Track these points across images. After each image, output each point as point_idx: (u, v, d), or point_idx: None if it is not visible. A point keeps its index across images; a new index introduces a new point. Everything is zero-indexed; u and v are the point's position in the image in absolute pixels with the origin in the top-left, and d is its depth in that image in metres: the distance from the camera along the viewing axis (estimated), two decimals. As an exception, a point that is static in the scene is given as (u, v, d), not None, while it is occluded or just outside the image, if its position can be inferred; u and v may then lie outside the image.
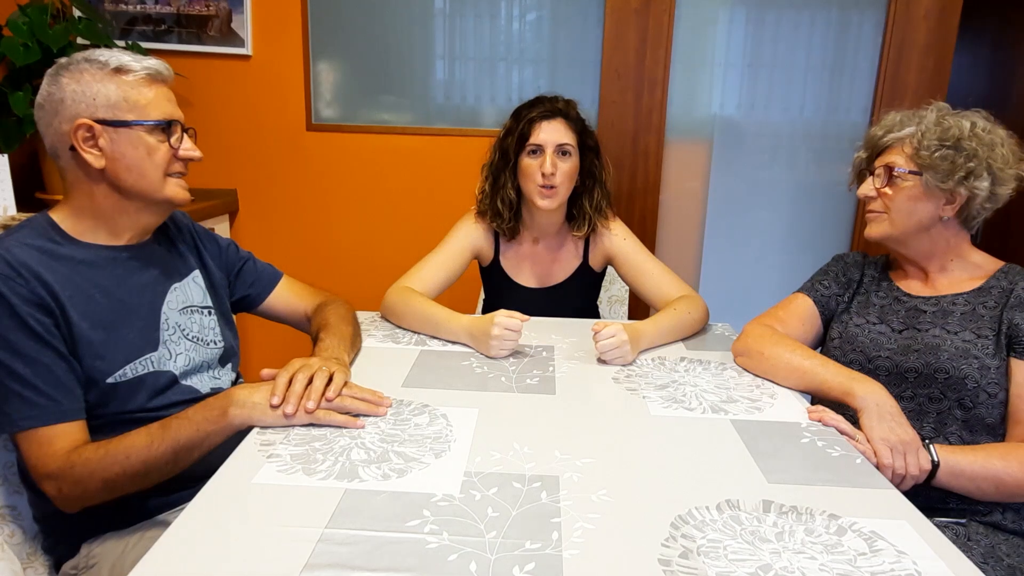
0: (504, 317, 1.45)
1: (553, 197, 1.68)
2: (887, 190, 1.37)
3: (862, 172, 1.48)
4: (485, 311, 1.95)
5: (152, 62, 1.19)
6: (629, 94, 2.50)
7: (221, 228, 2.56)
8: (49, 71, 1.15)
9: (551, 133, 1.67)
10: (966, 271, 1.39)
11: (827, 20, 2.54)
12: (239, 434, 1.10)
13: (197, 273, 1.36)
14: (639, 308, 1.80)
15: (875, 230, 1.42)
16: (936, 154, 1.31)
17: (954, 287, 1.38)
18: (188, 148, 1.23)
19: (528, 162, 1.68)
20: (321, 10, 2.52)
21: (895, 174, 1.36)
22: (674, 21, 2.46)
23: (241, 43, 2.52)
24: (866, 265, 1.53)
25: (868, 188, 1.41)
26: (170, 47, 2.51)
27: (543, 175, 1.66)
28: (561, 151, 1.68)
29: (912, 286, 1.44)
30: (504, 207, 1.75)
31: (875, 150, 1.43)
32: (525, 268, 1.84)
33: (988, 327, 1.30)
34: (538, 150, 1.67)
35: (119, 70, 1.15)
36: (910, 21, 2.41)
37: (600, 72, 2.50)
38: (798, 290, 1.55)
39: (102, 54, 1.15)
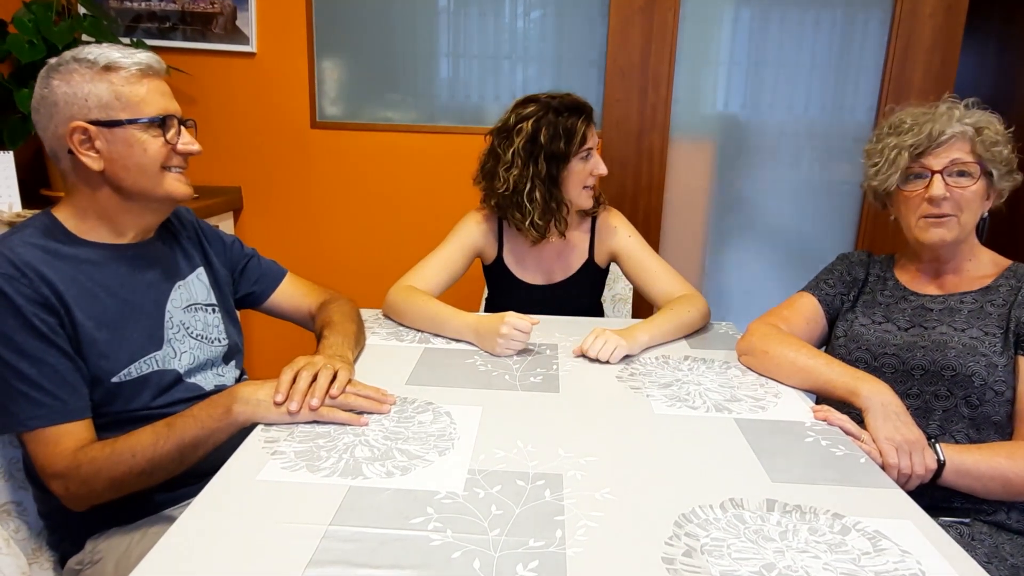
0: (515, 317, 1.45)
1: (596, 195, 1.78)
2: (959, 189, 1.30)
3: (908, 171, 1.34)
4: (488, 309, 1.95)
5: (142, 56, 1.16)
6: (634, 92, 2.49)
7: (225, 225, 2.56)
8: (40, 73, 1.13)
9: (594, 136, 1.73)
10: (976, 270, 1.39)
11: (832, 18, 2.53)
12: (243, 431, 1.10)
13: (201, 270, 1.36)
14: (643, 307, 1.80)
15: (946, 234, 1.32)
16: (996, 148, 1.30)
17: (962, 285, 1.38)
18: (187, 142, 1.20)
19: (581, 165, 1.71)
20: (326, 8, 2.52)
21: (965, 172, 1.30)
22: (679, 19, 2.45)
23: (246, 40, 2.52)
24: (871, 264, 1.53)
25: (941, 188, 1.29)
26: (175, 44, 2.51)
27: (592, 175, 1.72)
28: (595, 150, 1.74)
29: (919, 284, 1.43)
30: (560, 212, 1.73)
31: (923, 147, 1.32)
32: (530, 265, 1.84)
33: (996, 325, 1.30)
34: (589, 153, 1.72)
35: (109, 68, 1.12)
36: (916, 19, 2.40)
37: (604, 70, 2.50)
38: (803, 289, 1.55)
39: (91, 52, 1.12)
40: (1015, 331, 1.28)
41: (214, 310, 1.36)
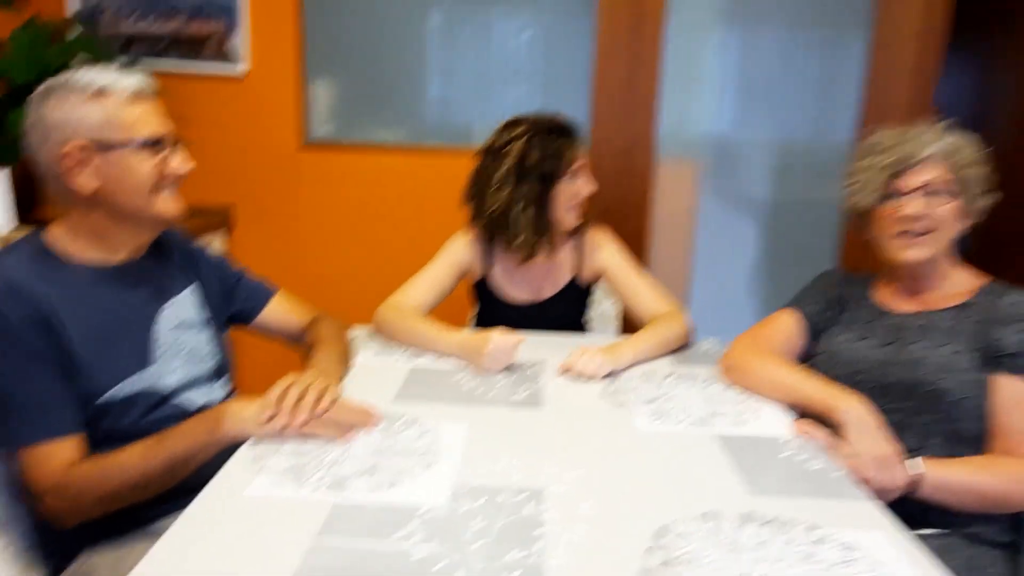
0: (500, 335, 1.48)
1: (582, 213, 1.81)
2: (935, 208, 1.34)
3: (885, 191, 1.37)
4: (477, 327, 1.97)
5: (135, 79, 1.18)
6: (620, 113, 2.53)
7: (216, 244, 2.58)
8: (33, 96, 1.15)
9: (582, 155, 1.76)
10: (953, 287, 1.41)
11: (816, 39, 2.58)
12: (233, 446, 1.11)
13: (191, 288, 1.38)
14: (630, 324, 1.82)
15: (922, 252, 1.35)
16: (971, 169, 1.35)
17: (939, 303, 1.41)
18: (179, 163, 1.23)
19: (569, 185, 1.74)
20: (317, 29, 2.56)
21: (941, 191, 1.34)
22: (665, 41, 2.50)
23: (238, 61, 2.55)
24: (850, 283, 1.56)
25: (918, 207, 1.34)
26: (168, 65, 2.54)
27: (579, 195, 1.76)
28: (582, 170, 1.77)
29: (897, 303, 1.46)
30: (547, 232, 1.76)
31: (899, 167, 1.36)
32: (517, 284, 1.87)
33: (970, 342, 1.33)
34: (577, 173, 1.75)
35: (102, 92, 1.14)
36: (897, 41, 2.45)
37: (592, 91, 2.54)
38: (784, 307, 1.58)
39: (84, 76, 1.15)
40: (989, 348, 1.30)
41: (204, 328, 1.37)
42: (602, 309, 2.17)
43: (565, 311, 1.90)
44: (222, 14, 2.52)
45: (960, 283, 1.41)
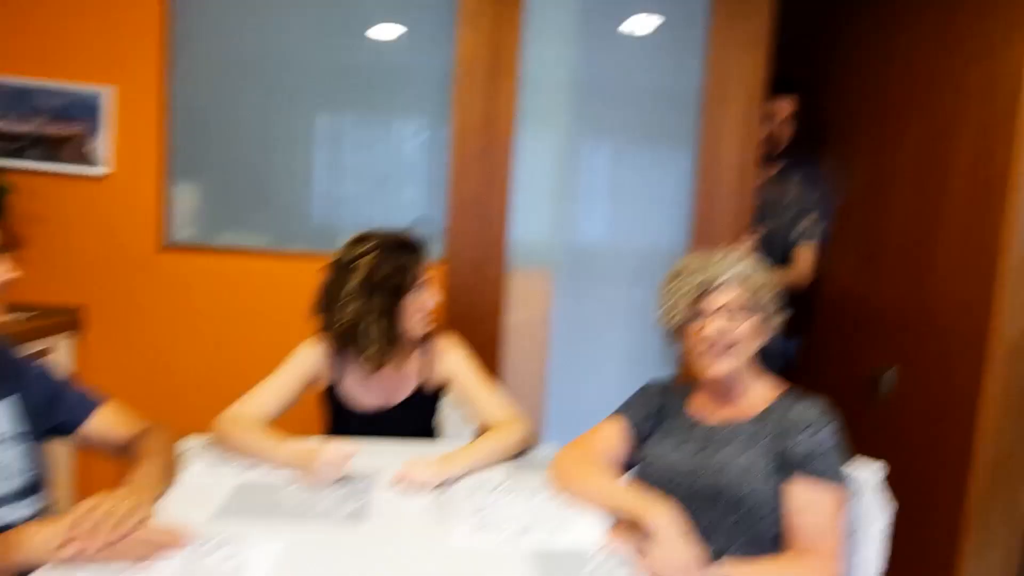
0: (330, 450, 1.49)
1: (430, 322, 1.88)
2: (734, 327, 1.48)
3: (689, 312, 1.51)
4: (327, 435, 1.97)
5: None
6: (474, 226, 2.61)
7: (63, 346, 2.49)
8: None
9: (429, 269, 1.86)
10: (755, 396, 1.54)
11: (654, 156, 2.79)
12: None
13: (8, 401, 1.34)
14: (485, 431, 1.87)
15: (726, 365, 1.49)
16: (763, 291, 1.51)
17: (743, 413, 1.53)
18: (1, 273, 1.23)
19: (416, 298, 1.81)
20: (182, 132, 2.58)
21: (740, 310, 1.49)
22: (517, 154, 2.64)
23: (99, 163, 2.53)
24: (669, 393, 1.67)
25: (720, 326, 1.49)
26: (25, 165, 2.49)
27: (426, 306, 1.84)
28: (429, 282, 1.86)
29: (708, 412, 1.57)
30: (396, 342, 1.82)
31: (701, 290, 1.50)
32: (365, 392, 1.89)
33: (767, 450, 1.44)
34: (423, 286, 1.83)
35: None
36: (718, 164, 2.67)
37: (447, 204, 2.64)
38: (611, 415, 1.67)
39: None
40: (782, 455, 1.42)
41: (18, 442, 1.33)
42: (459, 415, 2.21)
43: (414, 418, 1.93)
44: (85, 116, 2.51)
45: (761, 393, 1.55)
